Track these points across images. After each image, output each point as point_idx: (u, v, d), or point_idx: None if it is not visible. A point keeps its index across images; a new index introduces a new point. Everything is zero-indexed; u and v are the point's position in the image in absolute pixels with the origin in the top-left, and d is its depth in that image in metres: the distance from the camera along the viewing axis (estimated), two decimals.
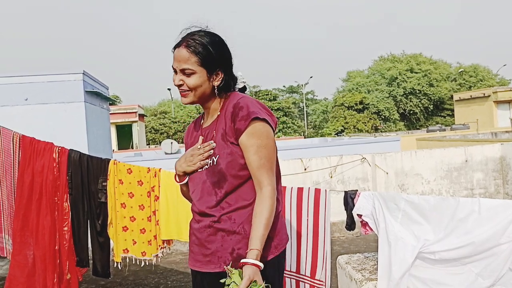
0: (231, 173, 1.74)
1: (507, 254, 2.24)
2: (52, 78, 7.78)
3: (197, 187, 1.83)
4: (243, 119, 1.72)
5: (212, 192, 1.76)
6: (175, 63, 1.78)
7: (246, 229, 1.72)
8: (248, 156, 1.72)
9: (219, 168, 1.75)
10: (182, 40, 1.78)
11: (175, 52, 1.78)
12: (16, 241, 3.29)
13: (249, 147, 1.72)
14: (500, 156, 8.02)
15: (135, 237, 3.57)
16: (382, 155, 7.80)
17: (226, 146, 1.75)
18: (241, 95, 1.83)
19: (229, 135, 1.75)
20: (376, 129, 40.08)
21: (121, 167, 3.54)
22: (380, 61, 47.94)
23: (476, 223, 2.32)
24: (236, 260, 1.69)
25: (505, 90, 30.13)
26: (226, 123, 1.77)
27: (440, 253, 2.36)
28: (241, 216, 1.74)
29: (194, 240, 1.84)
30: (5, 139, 3.36)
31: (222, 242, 1.74)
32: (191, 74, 1.76)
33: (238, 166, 1.74)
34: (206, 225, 1.77)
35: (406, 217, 2.50)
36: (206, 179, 1.79)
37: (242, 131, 1.72)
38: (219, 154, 1.76)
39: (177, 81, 1.78)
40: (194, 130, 1.96)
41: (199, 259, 1.81)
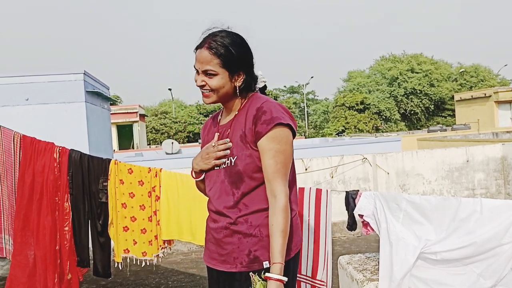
0: (248, 175, 1.75)
1: (509, 255, 2.24)
2: (52, 78, 7.78)
3: (214, 185, 1.84)
4: (265, 123, 1.72)
5: (230, 192, 1.78)
6: (197, 64, 1.79)
7: (263, 232, 1.74)
8: (265, 160, 1.73)
9: (237, 169, 1.76)
10: (204, 41, 1.79)
11: (197, 53, 1.79)
12: (17, 241, 3.29)
13: (267, 151, 1.72)
14: (502, 156, 8.01)
15: (136, 237, 3.57)
16: (383, 155, 7.79)
17: (245, 148, 1.76)
18: (264, 98, 1.83)
19: (248, 137, 1.76)
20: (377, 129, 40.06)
21: (122, 167, 3.53)
22: (381, 61, 47.92)
23: (478, 223, 2.32)
24: (253, 262, 1.73)
25: (506, 90, 30.09)
26: (246, 124, 1.77)
27: (441, 254, 2.35)
28: (257, 219, 1.75)
29: (211, 238, 1.86)
30: (6, 139, 3.36)
31: (239, 244, 1.76)
32: (213, 75, 1.77)
33: (256, 169, 1.75)
34: (222, 226, 1.79)
35: (408, 217, 2.49)
36: (224, 179, 1.80)
37: (263, 134, 1.72)
38: (237, 155, 1.77)
39: (200, 82, 1.79)
40: (212, 126, 1.97)
41: (215, 257, 1.84)
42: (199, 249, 6.61)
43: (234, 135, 1.80)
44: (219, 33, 1.80)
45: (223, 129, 1.87)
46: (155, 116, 40.56)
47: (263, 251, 1.73)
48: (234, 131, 1.81)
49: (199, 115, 42.43)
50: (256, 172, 1.76)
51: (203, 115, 42.34)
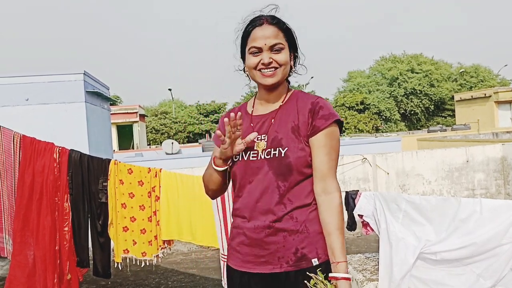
0: (298, 169, 1.67)
1: (509, 255, 2.24)
2: (52, 78, 7.80)
3: (252, 178, 1.71)
4: (323, 118, 1.68)
5: (275, 184, 1.68)
6: (262, 40, 1.68)
7: (309, 228, 1.68)
8: (319, 155, 1.68)
9: (288, 161, 1.67)
10: (260, 19, 1.71)
11: (257, 31, 1.69)
12: (17, 241, 3.29)
13: (322, 147, 1.68)
14: (501, 156, 8.01)
15: (136, 237, 3.57)
16: (383, 155, 7.79)
17: (297, 140, 1.69)
18: (312, 94, 1.79)
19: (302, 131, 1.69)
20: (377, 129, 40.07)
21: (121, 167, 3.53)
22: (381, 61, 47.95)
23: (477, 223, 2.31)
24: (301, 260, 1.66)
25: (506, 90, 30.09)
26: (299, 117, 1.71)
27: (441, 254, 2.35)
28: (302, 214, 1.68)
29: (244, 240, 1.73)
30: (6, 139, 3.36)
31: (284, 243, 1.67)
32: (281, 49, 1.70)
33: (305, 163, 1.68)
34: (264, 225, 1.68)
35: (407, 218, 2.49)
36: (268, 170, 1.69)
37: (320, 129, 1.68)
38: (288, 146, 1.68)
39: (267, 59, 1.68)
40: (243, 113, 1.81)
41: (250, 260, 1.72)
42: (199, 249, 6.62)
43: (281, 126, 1.72)
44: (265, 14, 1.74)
45: (262, 119, 1.77)
46: (155, 116, 40.58)
47: (311, 248, 1.67)
48: (281, 122, 1.73)
49: (199, 115, 42.44)
50: (306, 167, 1.69)
51: (203, 115, 42.36)
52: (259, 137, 1.73)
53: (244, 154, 1.72)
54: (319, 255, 1.68)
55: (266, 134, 1.73)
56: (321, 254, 1.68)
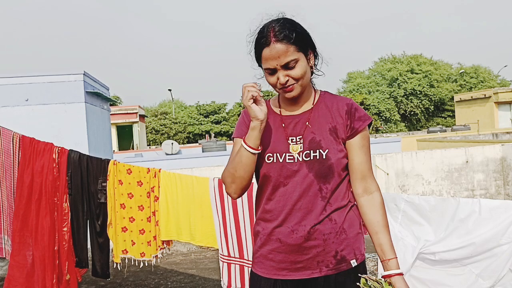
0: (338, 171, 1.67)
1: (507, 255, 2.24)
2: (52, 78, 7.79)
3: (289, 180, 1.66)
4: (361, 120, 1.70)
5: (317, 187, 1.65)
6: (273, 61, 1.62)
7: (346, 229, 1.68)
8: (359, 156, 1.69)
9: (330, 163, 1.65)
10: (267, 37, 1.62)
11: (268, 51, 1.62)
12: (15, 241, 3.29)
13: (361, 147, 1.70)
14: (501, 157, 8.01)
15: (135, 237, 3.57)
16: (383, 155, 7.79)
17: (336, 142, 1.68)
18: (340, 96, 1.80)
19: (340, 132, 1.69)
20: (377, 130, 40.07)
21: (120, 167, 3.53)
22: (381, 62, 47.98)
23: (476, 223, 2.32)
24: (340, 263, 1.66)
25: (506, 91, 30.09)
26: (335, 119, 1.70)
27: (440, 254, 2.35)
28: (340, 216, 1.68)
29: (279, 247, 1.67)
30: (5, 139, 3.36)
31: (325, 246, 1.65)
32: (295, 64, 1.64)
33: (344, 165, 1.70)
34: (303, 230, 1.64)
35: (406, 218, 2.49)
36: (308, 173, 1.65)
37: (359, 131, 1.70)
38: (328, 148, 1.66)
39: (284, 79, 1.63)
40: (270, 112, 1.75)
41: (285, 267, 1.67)
42: (199, 250, 6.61)
43: (318, 127, 1.69)
44: (271, 24, 1.65)
45: (296, 120, 1.72)
46: (155, 117, 40.58)
47: (349, 250, 1.68)
48: (318, 123, 1.70)
49: (199, 115, 42.46)
50: (343, 169, 1.69)
51: (203, 115, 42.38)
52: (293, 139, 1.69)
53: (280, 156, 1.68)
54: (357, 256, 1.69)
55: (302, 136, 1.69)
56: (358, 254, 1.70)
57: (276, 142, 1.70)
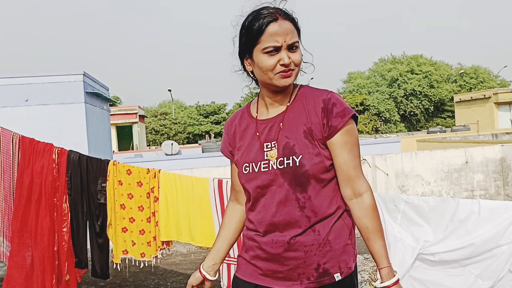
0: (316, 177, 1.53)
1: (506, 256, 2.24)
2: (52, 79, 7.80)
3: (267, 191, 1.57)
4: (339, 116, 1.53)
5: (293, 197, 1.53)
6: (281, 37, 1.49)
7: (331, 241, 1.55)
8: (342, 155, 1.54)
9: (304, 170, 1.52)
10: (274, 13, 1.51)
11: (274, 27, 1.49)
12: (15, 242, 3.28)
13: (343, 145, 1.53)
14: (501, 157, 8.01)
15: (135, 238, 3.57)
16: (383, 156, 7.79)
17: (311, 145, 1.53)
18: (320, 89, 1.62)
19: (316, 134, 1.54)
20: (377, 130, 40.08)
21: (120, 168, 3.53)
22: (381, 63, 48.00)
23: (476, 224, 2.32)
24: (323, 276, 1.54)
25: (506, 91, 30.09)
26: (310, 118, 1.55)
27: (439, 255, 2.35)
28: (325, 227, 1.55)
29: (260, 254, 1.60)
30: (4, 139, 3.36)
31: (306, 258, 1.54)
32: (296, 48, 1.54)
33: (323, 169, 1.54)
34: (283, 241, 1.54)
35: (406, 219, 2.49)
36: (283, 182, 1.54)
37: (339, 129, 1.53)
38: (302, 154, 1.52)
39: (288, 60, 1.50)
40: (249, 120, 1.67)
41: (268, 274, 1.60)
42: (198, 250, 6.61)
43: (291, 130, 1.56)
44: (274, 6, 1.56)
45: (269, 123, 1.60)
46: (154, 117, 40.58)
47: (333, 263, 1.54)
48: (291, 126, 1.57)
49: (198, 116, 42.44)
50: (324, 173, 1.54)
51: (203, 116, 42.36)
52: (269, 145, 1.58)
53: (255, 165, 1.58)
54: (342, 270, 1.56)
55: (276, 141, 1.57)
56: (344, 268, 1.56)
57: (252, 151, 1.61)
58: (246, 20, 1.56)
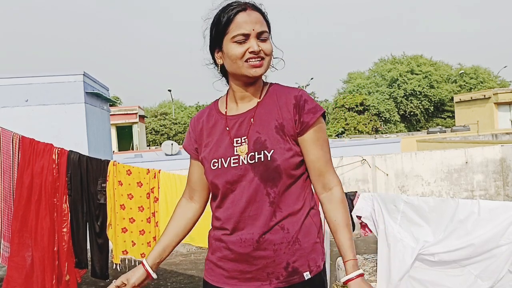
0: (287, 172, 1.52)
1: (506, 256, 2.24)
2: (52, 79, 7.80)
3: (236, 186, 1.55)
4: (310, 112, 1.54)
5: (263, 192, 1.52)
6: (249, 26, 1.51)
7: (300, 239, 1.54)
8: (314, 151, 1.55)
9: (276, 165, 1.50)
10: (243, 4, 1.54)
11: (243, 16, 1.51)
12: (15, 242, 3.28)
13: (315, 141, 1.55)
14: (501, 157, 8.01)
15: (134, 238, 3.57)
16: (382, 156, 7.80)
17: (283, 140, 1.53)
18: (291, 87, 1.64)
19: (288, 129, 1.54)
20: (377, 130, 40.10)
21: (120, 168, 3.53)
22: (381, 63, 48.03)
23: (475, 224, 2.32)
24: (292, 275, 1.52)
25: (506, 91, 30.10)
26: (282, 114, 1.55)
27: (439, 255, 2.35)
28: (293, 224, 1.53)
29: (228, 255, 1.58)
30: (4, 140, 3.36)
31: (275, 257, 1.51)
32: (266, 38, 1.55)
33: (294, 165, 1.54)
34: (251, 239, 1.52)
35: (405, 219, 2.49)
36: (253, 177, 1.52)
37: (310, 125, 1.54)
38: (273, 149, 1.51)
39: (257, 47, 1.51)
40: (218, 116, 1.65)
41: (234, 276, 1.57)
42: (198, 251, 6.62)
43: (263, 125, 1.56)
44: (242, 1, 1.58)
45: (239, 119, 1.59)
46: (154, 117, 40.60)
47: (302, 261, 1.53)
48: (263, 121, 1.56)
49: None
50: (294, 168, 1.54)
51: None
52: (239, 140, 1.56)
53: (224, 161, 1.56)
54: (311, 268, 1.54)
55: (247, 136, 1.56)
56: (313, 266, 1.55)
57: (221, 147, 1.59)
58: (215, 13, 1.58)
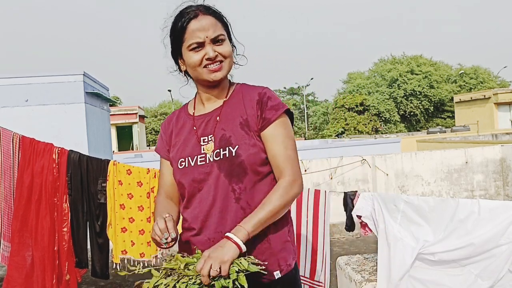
0: (252, 168, 1.51)
1: (506, 256, 2.24)
2: (52, 79, 7.80)
3: (203, 184, 1.53)
4: (273, 109, 1.55)
5: (229, 188, 1.50)
6: (202, 33, 1.51)
7: (270, 238, 1.52)
8: (273, 147, 1.54)
9: (240, 160, 1.50)
10: (194, 11, 1.54)
11: (194, 24, 1.52)
12: (15, 241, 3.29)
13: (275, 137, 1.54)
14: (501, 157, 8.01)
15: (134, 238, 3.57)
16: (382, 156, 7.80)
17: (248, 136, 1.53)
18: (257, 86, 1.65)
19: (252, 125, 1.55)
20: (377, 130, 40.11)
21: (120, 168, 3.53)
22: (381, 63, 48.03)
23: (475, 224, 2.32)
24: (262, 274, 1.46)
25: (506, 92, 30.10)
26: (247, 110, 1.56)
27: (439, 254, 2.35)
28: None
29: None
30: (4, 139, 3.36)
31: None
32: (223, 40, 1.55)
33: (260, 161, 1.53)
34: (220, 238, 1.46)
35: (406, 218, 2.49)
36: (219, 173, 1.51)
37: (272, 121, 1.54)
38: (238, 144, 1.52)
39: (213, 53, 1.52)
40: (186, 117, 1.68)
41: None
42: None
43: (228, 122, 1.57)
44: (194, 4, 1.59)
45: (206, 118, 1.61)
46: (154, 117, 40.62)
47: (272, 260, 1.51)
48: (228, 119, 1.57)
49: None
50: (260, 165, 1.53)
51: None
52: (206, 139, 1.57)
53: (191, 159, 1.56)
54: (281, 267, 1.53)
55: (213, 134, 1.56)
56: (283, 265, 1.54)
57: (188, 146, 1.59)
58: (171, 22, 1.59)
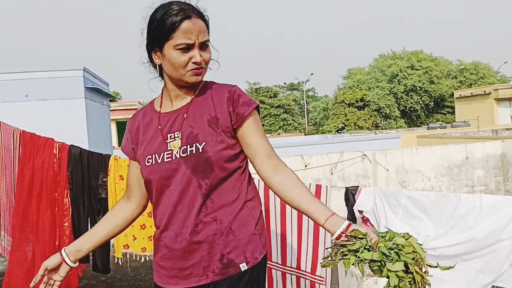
0: (219, 164, 1.52)
1: (508, 251, 2.24)
2: (52, 74, 7.80)
3: (170, 181, 1.54)
4: (245, 105, 1.56)
5: (196, 184, 1.51)
6: (193, 35, 1.51)
7: (234, 230, 1.53)
8: (257, 138, 1.57)
9: (206, 156, 1.50)
10: (187, 10, 1.52)
11: (188, 24, 1.50)
12: (16, 236, 3.29)
13: (256, 130, 1.58)
14: (501, 153, 8.01)
15: (136, 233, 3.57)
16: (383, 152, 7.79)
17: (215, 133, 1.53)
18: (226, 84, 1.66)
19: (222, 122, 1.55)
20: (377, 126, 40.10)
21: (121, 162, 3.53)
22: (381, 58, 47.96)
23: (477, 219, 2.32)
24: (228, 267, 1.51)
25: (506, 87, 30.07)
26: (215, 108, 1.56)
27: (440, 249, 2.36)
28: (227, 215, 1.53)
29: (166, 253, 1.57)
30: (5, 134, 3.35)
31: (209, 249, 1.51)
32: (207, 47, 1.56)
33: (227, 157, 1.54)
34: (186, 233, 1.51)
35: (407, 213, 2.50)
36: (185, 170, 1.52)
37: (246, 116, 1.56)
38: (205, 141, 1.52)
39: (200, 58, 1.53)
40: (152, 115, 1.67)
41: (175, 275, 1.56)
42: None
43: (196, 120, 1.57)
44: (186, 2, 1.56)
45: (173, 115, 1.60)
46: None
47: (238, 252, 1.52)
48: (196, 116, 1.57)
49: None
50: (227, 161, 1.54)
51: None
52: (172, 136, 1.57)
53: (158, 156, 1.56)
54: (248, 259, 1.53)
55: (180, 131, 1.56)
56: (250, 258, 1.54)
57: (154, 144, 1.59)
58: (156, 13, 1.54)
